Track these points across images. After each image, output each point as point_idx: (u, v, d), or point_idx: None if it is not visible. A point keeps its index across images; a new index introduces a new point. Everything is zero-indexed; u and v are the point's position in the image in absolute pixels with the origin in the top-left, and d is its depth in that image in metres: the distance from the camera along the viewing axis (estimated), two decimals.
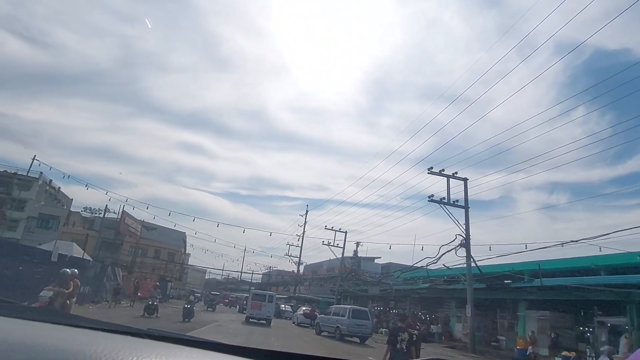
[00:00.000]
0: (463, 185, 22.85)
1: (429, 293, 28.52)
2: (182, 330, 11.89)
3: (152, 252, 52.55)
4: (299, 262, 56.78)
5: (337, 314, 23.51)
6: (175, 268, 53.44)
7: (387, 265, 54.63)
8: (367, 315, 23.11)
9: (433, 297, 28.75)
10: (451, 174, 22.84)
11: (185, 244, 68.02)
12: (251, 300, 26.33)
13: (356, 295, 39.80)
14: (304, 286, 64.51)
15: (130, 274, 31.13)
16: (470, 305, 21.10)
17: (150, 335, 1.29)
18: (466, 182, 22.92)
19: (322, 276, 56.08)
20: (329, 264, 64.88)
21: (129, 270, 32.16)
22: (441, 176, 22.85)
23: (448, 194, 22.51)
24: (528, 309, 21.64)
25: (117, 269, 23.65)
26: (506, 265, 22.56)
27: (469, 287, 21.38)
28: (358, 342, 21.64)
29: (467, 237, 21.87)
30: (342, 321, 22.41)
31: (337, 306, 26.33)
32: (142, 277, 34.72)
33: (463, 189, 22.79)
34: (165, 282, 36.41)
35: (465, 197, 22.68)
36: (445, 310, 28.22)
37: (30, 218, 49.94)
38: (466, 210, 22.44)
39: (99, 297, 20.17)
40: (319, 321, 25.14)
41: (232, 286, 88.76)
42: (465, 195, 22.73)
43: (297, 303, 50.67)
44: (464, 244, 21.92)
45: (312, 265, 71.83)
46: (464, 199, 22.61)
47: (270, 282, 76.82)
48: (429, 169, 22.62)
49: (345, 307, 23.87)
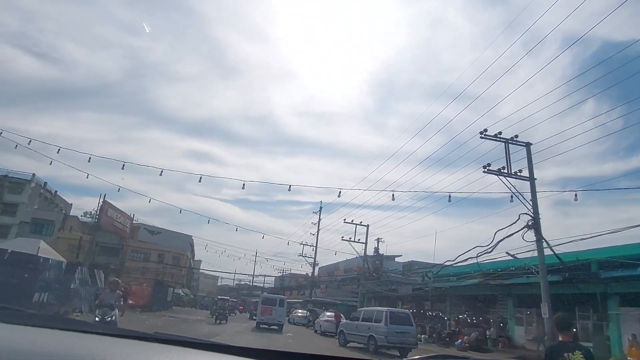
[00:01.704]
0: (525, 152, 18.03)
1: (476, 291, 23.64)
2: None
3: (155, 256, 48.34)
4: (314, 262, 52.30)
5: (369, 319, 18.72)
6: (181, 273, 49.07)
7: (409, 263, 50.19)
8: (409, 320, 18.35)
9: (481, 295, 23.85)
10: (509, 138, 18.05)
11: (192, 248, 63.90)
12: (261, 305, 24.81)
13: (382, 296, 34.95)
14: (320, 289, 60.14)
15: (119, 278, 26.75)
16: (547, 304, 16.21)
17: (158, 339, 1.29)
18: (529, 148, 18.09)
19: (344, 277, 51.26)
20: (346, 265, 60.41)
21: (118, 274, 27.81)
22: (497, 141, 18.08)
23: (507, 161, 17.71)
24: (622, 306, 16.71)
25: (98, 271, 19.34)
26: (570, 254, 17.83)
27: (542, 280, 16.50)
28: (398, 355, 16.96)
29: (535, 217, 17.02)
30: (378, 328, 17.65)
31: (368, 309, 21.59)
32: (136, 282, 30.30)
33: (526, 157, 17.96)
34: (164, 287, 32.00)
35: (530, 166, 17.85)
36: (498, 311, 23.29)
37: (22, 223, 46.38)
38: (532, 182, 17.61)
39: (69, 306, 15.75)
40: (343, 329, 20.27)
41: (245, 292, 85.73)
42: (529, 164, 17.89)
43: (313, 307, 46.31)
44: (531, 225, 17.09)
45: (327, 267, 67.60)
46: (529, 168, 17.79)
47: (283, 286, 72.85)
48: (482, 132, 17.86)
49: (381, 309, 19.01)
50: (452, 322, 24.17)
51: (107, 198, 28.54)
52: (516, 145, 18.18)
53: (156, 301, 27.83)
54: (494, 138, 17.97)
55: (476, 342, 19.87)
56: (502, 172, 17.47)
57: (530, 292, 20.89)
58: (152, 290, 27.74)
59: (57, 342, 1.14)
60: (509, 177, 17.46)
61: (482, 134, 17.84)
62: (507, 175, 17.52)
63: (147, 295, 26.74)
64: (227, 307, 27.55)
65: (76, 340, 1.20)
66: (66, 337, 1.22)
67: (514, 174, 17.58)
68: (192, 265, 66.76)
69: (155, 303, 27.48)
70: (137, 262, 47.10)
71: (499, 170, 17.54)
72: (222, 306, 26.45)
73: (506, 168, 17.56)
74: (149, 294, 26.92)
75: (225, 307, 26.69)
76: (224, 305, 26.90)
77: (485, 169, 17.60)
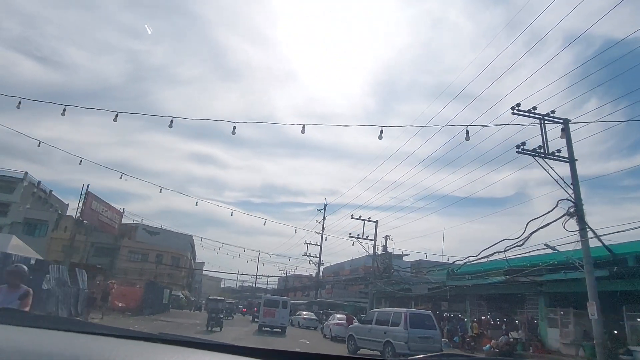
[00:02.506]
0: (563, 130, 15.81)
1: (501, 290, 21.39)
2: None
3: (153, 256, 46.21)
4: (319, 262, 50.17)
5: (385, 321, 16.37)
6: (181, 274, 46.91)
7: (418, 262, 48.14)
8: (432, 323, 16.05)
9: (507, 294, 21.59)
10: (545, 114, 15.84)
11: (193, 248, 61.80)
12: (263, 307, 24.01)
13: (393, 296, 32.68)
14: (326, 290, 57.96)
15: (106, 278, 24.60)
16: (594, 303, 13.96)
17: (163, 340, 1.28)
18: (568, 125, 15.88)
19: (353, 276, 49.03)
20: (352, 264, 58.31)
21: (105, 274, 25.69)
22: (531, 117, 15.87)
23: (544, 140, 15.52)
24: None
25: (80, 271, 17.22)
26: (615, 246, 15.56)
27: (588, 275, 14.28)
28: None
29: (578, 203, 14.81)
30: (396, 333, 15.36)
31: (382, 310, 19.33)
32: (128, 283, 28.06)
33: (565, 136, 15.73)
34: (159, 289, 29.73)
35: (569, 146, 15.63)
36: (526, 312, 21.01)
37: (14, 224, 44.38)
38: (572, 164, 15.41)
39: (41, 309, 13.61)
40: (353, 333, 17.82)
41: (248, 294, 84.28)
42: (568, 144, 15.67)
43: (319, 309, 44.17)
44: (573, 212, 14.86)
45: (332, 267, 65.54)
46: (567, 148, 15.57)
47: (287, 287, 70.78)
48: (514, 107, 15.64)
49: (399, 311, 16.68)
50: (475, 324, 21.89)
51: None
52: (552, 122, 16.02)
53: (149, 304, 25.58)
54: (527, 114, 15.77)
55: (506, 346, 17.61)
56: (538, 153, 15.30)
57: (564, 290, 18.68)
58: (144, 291, 25.50)
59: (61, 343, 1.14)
60: (546, 159, 15.30)
61: (515, 110, 15.63)
62: (545, 157, 15.33)
63: (139, 297, 24.54)
64: (221, 310, 21.78)
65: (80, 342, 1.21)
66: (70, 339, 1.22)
67: (551, 154, 15.40)
68: (192, 266, 64.64)
69: (148, 306, 25.22)
70: (133, 263, 44.98)
71: (535, 151, 15.37)
72: (215, 308, 20.70)
73: (543, 148, 15.40)
74: (141, 296, 24.66)
75: (218, 309, 20.92)
76: (218, 307, 21.08)
77: (519, 148, 15.42)
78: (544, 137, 15.53)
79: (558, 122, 15.99)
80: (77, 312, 15.71)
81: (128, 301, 23.10)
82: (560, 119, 15.92)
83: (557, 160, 15.40)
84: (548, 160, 15.23)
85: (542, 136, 15.58)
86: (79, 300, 16.09)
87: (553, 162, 15.31)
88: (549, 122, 15.87)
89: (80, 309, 16.31)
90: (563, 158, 15.38)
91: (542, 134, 15.64)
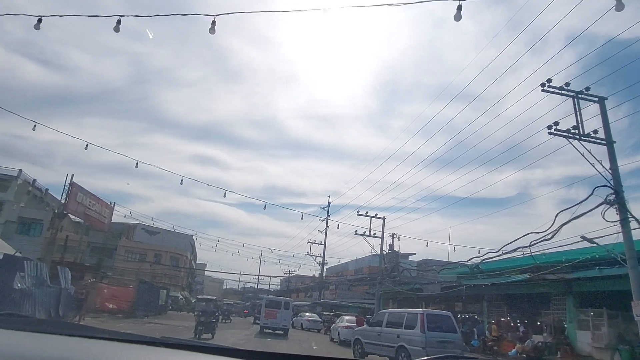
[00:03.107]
0: (599, 108, 14.16)
1: (523, 289, 19.70)
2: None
3: (152, 256, 44.67)
4: (322, 261, 48.60)
5: (397, 323, 14.62)
6: (180, 274, 45.33)
7: (424, 261, 46.61)
8: (453, 325, 14.39)
9: (530, 294, 19.89)
10: (579, 91, 14.19)
11: (193, 248, 60.31)
12: (265, 308, 23.40)
13: (402, 296, 30.99)
14: (330, 291, 56.39)
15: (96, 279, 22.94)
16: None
17: (165, 344, 1.28)
18: (604, 104, 14.22)
19: (361, 276, 47.43)
20: (356, 265, 56.78)
21: (95, 274, 24.07)
22: (562, 94, 14.23)
23: (578, 119, 13.86)
24: None
25: (62, 269, 15.61)
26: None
27: (631, 271, 12.57)
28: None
29: (617, 189, 13.14)
30: (411, 337, 13.65)
31: (394, 311, 17.67)
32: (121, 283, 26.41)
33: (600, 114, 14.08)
34: (154, 290, 28.02)
35: (606, 127, 13.98)
36: (551, 312, 19.29)
37: (8, 223, 42.95)
38: (609, 147, 13.74)
39: (13, 310, 12.04)
40: (359, 337, 16.05)
41: (251, 295, 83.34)
42: (604, 124, 14.03)
43: (322, 310, 42.63)
44: (611, 200, 13.19)
45: (335, 267, 64.09)
46: (604, 130, 13.91)
47: (290, 288, 69.30)
48: (544, 84, 14.00)
49: (414, 311, 14.96)
50: (494, 327, 20.20)
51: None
52: (587, 100, 14.36)
53: (143, 305, 23.96)
54: (559, 91, 14.13)
55: (534, 351, 15.92)
56: (572, 133, 13.63)
57: (596, 289, 16.97)
58: (137, 292, 23.85)
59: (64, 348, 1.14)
60: (581, 140, 13.63)
61: (545, 86, 13.99)
62: (580, 138, 13.66)
63: (131, 298, 22.92)
64: (213, 312, 17.61)
65: (83, 346, 1.20)
66: (72, 343, 1.22)
67: (587, 135, 13.74)
68: (193, 266, 63.13)
69: (142, 307, 23.61)
70: (130, 263, 43.44)
71: (569, 131, 13.70)
72: (206, 311, 16.74)
73: (578, 128, 13.73)
74: (133, 297, 23.03)
75: (210, 311, 16.96)
76: (208, 309, 17.17)
77: (550, 129, 13.76)
78: (578, 117, 13.88)
79: (593, 101, 14.35)
80: (57, 315, 14.12)
81: (119, 302, 21.50)
82: (595, 96, 14.29)
83: (593, 143, 13.76)
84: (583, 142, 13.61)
85: (576, 115, 13.93)
86: (61, 302, 14.49)
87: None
88: (583, 100, 14.26)
89: (62, 311, 14.71)
90: (600, 140, 13.73)
91: (575, 112, 13.99)
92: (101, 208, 28.19)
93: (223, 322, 25.14)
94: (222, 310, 26.20)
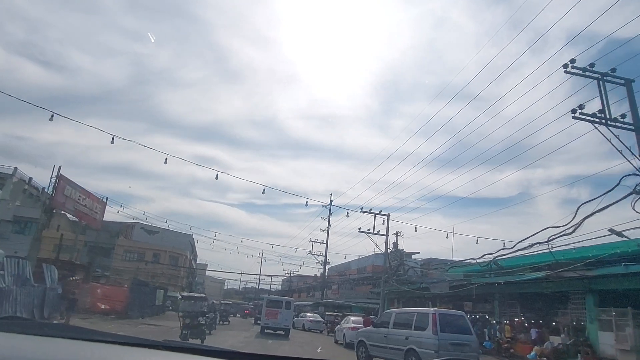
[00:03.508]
0: (626, 91, 13.10)
1: (540, 287, 18.61)
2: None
3: (150, 255, 43.68)
4: (324, 261, 47.57)
5: (406, 324, 13.41)
6: (180, 274, 44.33)
7: (428, 260, 45.67)
8: (467, 325, 13.21)
9: (545, 293, 18.81)
10: (604, 73, 13.11)
11: (193, 248, 59.36)
12: (265, 308, 23.15)
13: (408, 296, 29.90)
14: (332, 290, 55.45)
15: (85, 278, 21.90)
16: None
17: (167, 347, 1.27)
18: (631, 86, 13.16)
19: (365, 276, 46.47)
20: (359, 264, 55.84)
21: (86, 272, 23.04)
22: (586, 76, 13.16)
23: (604, 103, 12.80)
24: None
25: (48, 267, 14.60)
26: None
27: None
28: None
29: None
30: (422, 339, 12.47)
31: (402, 310, 16.45)
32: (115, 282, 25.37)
33: (627, 97, 13.01)
34: (150, 290, 26.97)
35: (634, 111, 12.91)
36: (570, 312, 18.19)
37: (2, 222, 42.02)
38: (638, 132, 12.66)
39: None
40: (363, 338, 14.87)
41: (252, 295, 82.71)
42: (632, 108, 12.95)
43: (325, 310, 41.64)
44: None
45: (338, 267, 63.19)
46: (632, 114, 12.83)
47: (291, 288, 68.42)
48: (567, 65, 12.94)
49: (424, 311, 13.82)
50: (507, 327, 19.13)
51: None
52: (612, 83, 13.29)
53: (137, 305, 23.01)
54: (583, 73, 13.06)
55: (554, 353, 14.83)
56: (599, 118, 12.57)
57: (620, 287, 15.89)
58: (131, 292, 22.81)
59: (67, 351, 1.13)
60: (608, 125, 12.56)
61: (568, 67, 12.93)
62: (606, 123, 12.60)
63: (125, 298, 21.88)
64: (202, 313, 14.99)
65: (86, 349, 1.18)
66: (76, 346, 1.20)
67: (614, 120, 12.67)
68: (193, 266, 62.16)
69: (136, 308, 22.67)
70: (129, 262, 42.46)
71: (595, 115, 12.64)
72: (194, 313, 14.19)
73: (604, 112, 12.66)
74: (127, 297, 21.99)
75: (198, 312, 14.47)
76: (196, 310, 14.72)
77: (575, 113, 12.69)
78: (605, 100, 12.82)
79: (619, 83, 13.29)
80: (42, 316, 13.10)
81: (112, 302, 20.47)
82: (622, 78, 13.22)
83: (620, 128, 12.69)
84: (610, 127, 12.55)
85: (602, 98, 12.87)
86: (45, 301, 13.48)
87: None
88: (609, 83, 13.20)
89: (47, 312, 13.69)
90: (628, 124, 12.67)
91: (600, 95, 12.93)
92: (92, 203, 27.14)
93: (220, 323, 24.05)
94: (220, 311, 25.11)
